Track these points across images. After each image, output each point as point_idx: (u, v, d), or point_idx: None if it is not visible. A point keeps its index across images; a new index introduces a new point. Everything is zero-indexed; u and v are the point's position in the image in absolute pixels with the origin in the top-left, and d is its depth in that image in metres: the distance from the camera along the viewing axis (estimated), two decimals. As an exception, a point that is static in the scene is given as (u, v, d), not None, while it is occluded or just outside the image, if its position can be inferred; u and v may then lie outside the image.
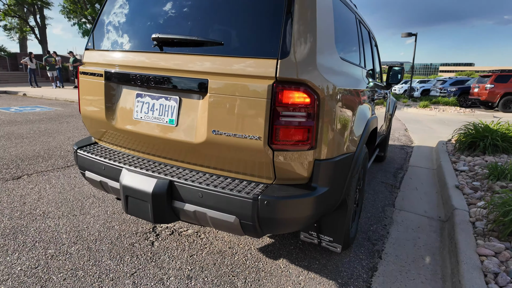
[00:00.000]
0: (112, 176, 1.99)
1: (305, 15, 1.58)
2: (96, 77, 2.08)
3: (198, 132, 1.73)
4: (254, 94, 1.54)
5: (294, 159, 1.61)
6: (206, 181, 1.73)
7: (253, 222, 1.59)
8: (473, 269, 2.03)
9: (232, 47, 1.62)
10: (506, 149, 4.82)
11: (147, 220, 1.83)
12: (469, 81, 18.99)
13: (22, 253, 2.18)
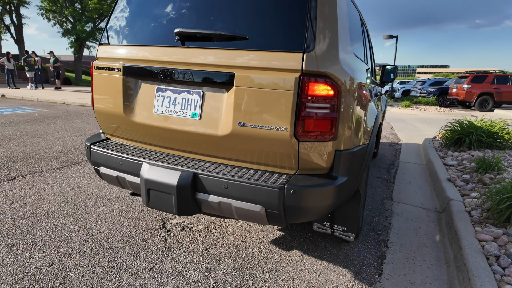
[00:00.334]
0: (130, 171, 1.98)
1: (328, 11, 1.66)
2: (113, 72, 2.06)
3: (223, 125, 1.76)
4: (280, 86, 1.59)
5: (317, 149, 1.67)
6: (230, 172, 1.77)
7: (279, 210, 1.65)
8: (476, 253, 2.16)
9: (257, 41, 1.67)
10: (490, 144, 5.09)
11: (170, 212, 1.85)
12: (447, 81, 19.76)
13: (33, 252, 2.14)
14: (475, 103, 14.94)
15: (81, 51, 21.50)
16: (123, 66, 2.03)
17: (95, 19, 20.33)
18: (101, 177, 2.22)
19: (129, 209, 2.86)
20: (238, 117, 1.70)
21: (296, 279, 2.00)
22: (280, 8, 1.65)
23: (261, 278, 2.00)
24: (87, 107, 10.17)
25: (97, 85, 2.17)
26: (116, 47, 2.11)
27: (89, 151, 2.20)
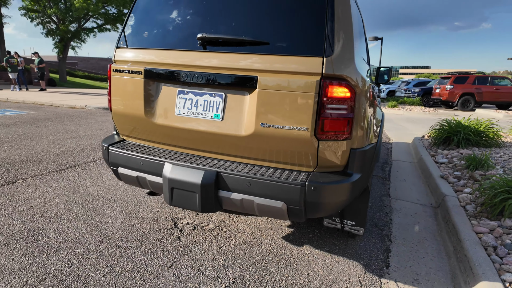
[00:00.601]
0: (151, 171, 2.04)
1: (344, 18, 1.78)
2: (134, 74, 2.11)
3: (245, 126, 1.85)
4: (302, 89, 1.71)
5: (335, 148, 1.79)
6: (251, 171, 1.85)
7: (300, 206, 1.75)
8: (475, 245, 2.31)
9: (278, 46, 1.78)
10: (477, 143, 5.34)
11: (193, 209, 1.92)
12: (431, 82, 20.36)
13: (49, 254, 2.15)
14: (458, 103, 15.47)
15: (66, 52, 21.04)
16: (144, 69, 2.08)
17: (80, 19, 19.94)
18: (119, 177, 2.28)
19: (138, 210, 2.90)
20: (261, 118, 1.79)
21: (310, 273, 2.10)
22: (300, 15, 1.77)
23: (277, 273, 2.08)
24: (76, 109, 10.00)
25: (115, 87, 2.22)
26: (136, 50, 2.16)
27: (107, 152, 2.24)
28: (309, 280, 2.03)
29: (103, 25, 21.07)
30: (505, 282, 1.91)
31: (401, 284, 2.05)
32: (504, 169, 3.99)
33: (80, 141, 5.57)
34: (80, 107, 10.36)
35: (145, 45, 2.13)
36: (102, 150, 2.34)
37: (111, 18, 20.36)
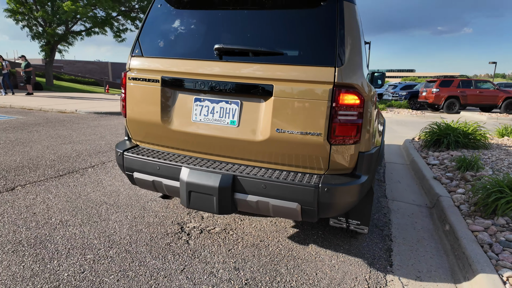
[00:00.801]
0: (168, 175, 2.11)
1: (353, 30, 1.91)
2: (150, 82, 2.18)
3: (261, 131, 1.95)
4: (315, 96, 1.82)
5: (345, 151, 1.90)
6: (266, 174, 1.94)
7: (313, 207, 1.85)
8: (472, 242, 2.42)
9: (293, 57, 1.90)
10: (466, 145, 5.54)
11: (211, 211, 2.02)
12: (417, 85, 20.87)
13: (60, 260, 2.16)
14: (443, 106, 15.92)
15: (53, 55, 20.68)
16: (161, 77, 2.15)
17: (68, 22, 19.66)
18: (133, 182, 2.34)
19: (143, 215, 2.92)
20: (276, 124, 1.89)
21: (319, 273, 2.17)
22: (313, 28, 1.90)
23: (286, 273, 2.14)
24: (66, 114, 9.86)
25: (131, 95, 2.28)
26: (152, 59, 2.22)
27: (122, 157, 2.30)
28: (318, 279, 2.10)
29: (91, 28, 20.82)
30: (502, 276, 2.03)
31: (405, 281, 2.14)
32: (493, 170, 4.17)
33: (75, 146, 5.52)
34: (71, 112, 10.22)
35: (162, 54, 2.20)
36: (116, 156, 2.38)
37: (99, 22, 20.14)
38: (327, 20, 1.87)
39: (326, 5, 1.89)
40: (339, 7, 1.87)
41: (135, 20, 21.62)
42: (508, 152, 5.36)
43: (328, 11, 1.88)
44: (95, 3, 18.58)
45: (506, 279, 2.00)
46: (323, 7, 1.90)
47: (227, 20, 2.09)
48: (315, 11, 1.92)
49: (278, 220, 2.94)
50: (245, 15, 2.06)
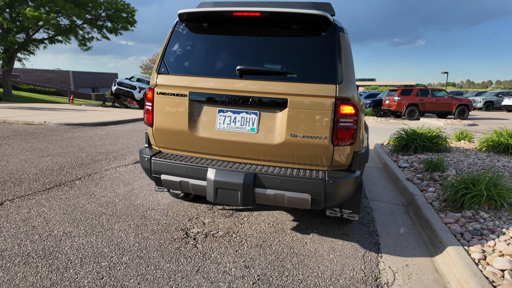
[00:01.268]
0: (195, 176, 2.43)
1: (347, 56, 2.39)
2: (179, 97, 2.51)
3: (277, 136, 2.36)
4: (321, 107, 2.26)
5: (344, 151, 2.34)
6: (281, 172, 2.35)
7: (321, 196, 2.26)
8: (446, 233, 2.79)
9: (302, 76, 2.36)
10: (430, 148, 6.12)
11: (235, 204, 2.37)
12: (380, 94, 22.18)
13: (76, 268, 2.22)
14: (405, 113, 17.09)
15: (11, 64, 19.58)
16: (189, 92, 2.49)
17: (29, 29, 18.78)
18: (160, 184, 2.63)
19: (145, 223, 3.01)
20: (290, 130, 2.31)
21: (321, 266, 2.41)
22: (317, 52, 2.36)
23: (292, 268, 2.36)
24: (35, 125, 9.45)
25: (158, 107, 2.58)
26: (180, 77, 2.54)
27: (150, 162, 2.58)
28: (321, 272, 2.34)
29: (55, 36, 20.02)
30: (474, 259, 2.39)
31: (395, 268, 2.44)
32: (456, 170, 4.69)
33: (55, 159, 5.39)
34: (39, 123, 9.80)
35: (188, 73, 2.53)
36: (142, 161, 2.64)
37: (63, 29, 19.43)
38: (328, 46, 2.34)
39: (327, 35, 2.37)
40: (337, 37, 2.35)
41: (102, 28, 21.11)
42: (466, 154, 6.00)
43: (329, 40, 2.36)
44: (59, 10, 17.97)
45: (478, 261, 2.36)
46: (324, 37, 2.37)
47: (245, 44, 2.51)
48: (319, 39, 2.39)
49: (276, 222, 3.16)
50: (260, 41, 2.51)
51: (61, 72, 50.70)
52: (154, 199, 3.65)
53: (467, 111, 17.38)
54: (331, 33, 2.36)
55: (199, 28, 2.60)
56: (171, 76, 2.57)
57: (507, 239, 2.63)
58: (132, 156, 5.87)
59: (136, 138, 7.93)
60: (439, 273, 2.44)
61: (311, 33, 2.42)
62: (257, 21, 2.46)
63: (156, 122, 2.61)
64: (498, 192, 3.22)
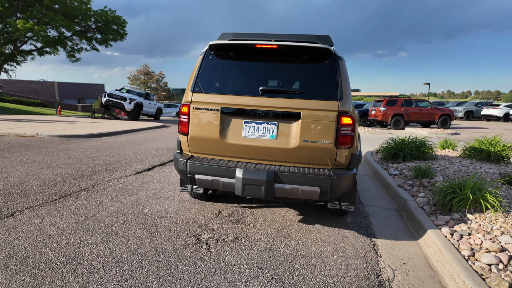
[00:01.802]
0: (225, 175, 2.94)
1: (346, 79, 3.04)
2: (212, 111, 3.07)
3: (292, 142, 2.95)
4: (327, 119, 2.89)
5: (344, 153, 2.95)
6: (296, 170, 2.91)
7: (327, 189, 2.82)
8: (438, 234, 3.05)
9: (311, 95, 2.98)
10: (418, 157, 6.47)
11: (259, 197, 2.87)
12: (366, 105, 22.84)
13: (100, 273, 2.36)
14: (391, 123, 17.68)
15: (-3, 75, 19.32)
16: (221, 108, 3.06)
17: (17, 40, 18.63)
18: (194, 182, 3.11)
19: (158, 230, 3.15)
20: (303, 137, 2.91)
21: (327, 266, 2.62)
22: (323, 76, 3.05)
23: (302, 268, 2.56)
24: (27, 138, 9.40)
25: (194, 119, 3.13)
26: (212, 95, 3.11)
27: (186, 164, 3.08)
28: (328, 270, 2.54)
29: (43, 48, 19.91)
30: (464, 256, 2.64)
31: (394, 266, 2.67)
32: (443, 176, 5.01)
33: (55, 171, 5.46)
34: (31, 136, 9.75)
35: (219, 92, 3.13)
36: (179, 164, 3.13)
37: (52, 41, 19.36)
38: (331, 71, 2.98)
39: (329, 63, 3.02)
40: (337, 64, 3.00)
41: (91, 40, 21.13)
42: (451, 162, 6.37)
43: (331, 66, 2.99)
44: (48, 21, 17.95)
45: (467, 257, 2.62)
46: (328, 64, 3.02)
47: (265, 68, 3.20)
48: (323, 66, 3.03)
49: (280, 227, 3.36)
50: (276, 66, 3.20)
51: (45, 83, 49.95)
52: (161, 208, 3.80)
53: (449, 121, 18.12)
54: (332, 61, 3.01)
55: (226, 56, 3.21)
56: (204, 95, 3.13)
57: (492, 238, 2.91)
58: (132, 167, 5.98)
59: (132, 150, 8.02)
60: (434, 269, 2.68)
61: (317, 61, 3.07)
62: (274, 51, 3.08)
63: (191, 131, 3.13)
64: (482, 196, 3.52)
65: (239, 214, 3.71)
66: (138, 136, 11.23)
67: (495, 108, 26.88)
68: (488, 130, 17.30)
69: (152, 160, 6.77)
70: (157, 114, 21.96)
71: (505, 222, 3.23)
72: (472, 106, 29.35)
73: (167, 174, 5.56)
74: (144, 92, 21.15)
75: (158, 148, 8.47)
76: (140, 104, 19.11)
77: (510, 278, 2.32)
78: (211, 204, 4.00)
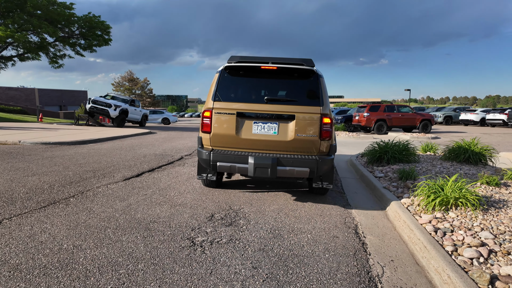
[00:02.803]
0: (240, 161, 3.95)
1: (324, 90, 4.17)
2: (229, 115, 4.10)
3: (289, 136, 4.04)
4: (313, 119, 3.99)
5: (326, 144, 4.06)
6: (292, 156, 4.00)
7: (315, 169, 3.90)
8: (423, 232, 3.20)
9: (302, 102, 4.10)
10: (401, 160, 6.70)
11: (266, 176, 3.89)
12: (350, 110, 23.31)
13: (96, 276, 2.36)
14: (374, 128, 18.12)
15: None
16: (236, 112, 4.10)
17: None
18: (215, 168, 4.04)
19: (151, 234, 3.17)
20: (297, 132, 4.01)
21: (319, 264, 2.71)
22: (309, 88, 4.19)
23: (295, 267, 2.64)
24: (9, 145, 9.16)
25: (215, 121, 4.12)
26: (229, 103, 4.15)
27: (210, 155, 4.04)
28: (321, 268, 2.63)
29: (24, 53, 19.46)
30: (448, 252, 2.79)
31: (383, 263, 2.79)
32: (426, 177, 5.22)
33: (42, 178, 5.37)
34: (13, 143, 9.51)
35: (234, 100, 4.19)
36: (203, 154, 4.10)
37: (34, 47, 18.95)
38: (315, 85, 4.17)
39: (313, 79, 4.20)
40: (319, 80, 4.19)
41: (75, 46, 20.80)
42: (433, 164, 6.63)
43: (315, 82, 4.18)
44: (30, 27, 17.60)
45: (451, 253, 2.76)
46: (313, 80, 4.20)
47: (268, 83, 4.37)
48: (309, 81, 4.21)
49: (273, 229, 3.44)
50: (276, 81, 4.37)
51: (25, 89, 48.59)
52: (153, 213, 3.81)
53: (430, 125, 18.72)
54: (315, 78, 4.21)
55: (238, 74, 4.32)
56: (223, 103, 4.15)
57: (473, 233, 3.07)
58: (120, 174, 5.94)
59: (119, 156, 7.95)
60: (420, 265, 2.81)
61: (305, 78, 4.25)
62: (274, 71, 4.22)
63: (213, 130, 4.13)
64: (463, 195, 3.70)
65: (232, 217, 3.76)
66: (124, 142, 11.11)
67: (472, 113, 27.97)
68: (467, 134, 17.98)
69: (141, 166, 6.73)
70: (143, 121, 21.74)
71: (484, 219, 3.41)
72: (451, 112, 30.42)
73: (157, 180, 5.55)
74: (130, 98, 20.93)
75: (146, 154, 8.42)
76: (125, 110, 18.90)
77: (490, 270, 2.47)
78: (203, 208, 4.04)
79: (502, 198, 4.15)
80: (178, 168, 6.68)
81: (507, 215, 3.54)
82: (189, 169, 6.57)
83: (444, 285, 2.43)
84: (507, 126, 25.11)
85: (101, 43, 20.76)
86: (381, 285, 2.44)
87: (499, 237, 3.00)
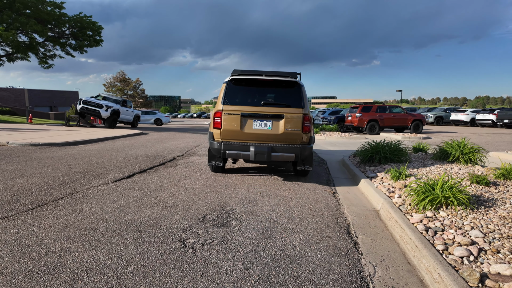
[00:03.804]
0: (244, 150, 5.27)
1: (306, 96, 5.63)
2: (235, 115, 5.37)
3: (280, 130, 5.38)
4: (297, 118, 5.40)
5: (307, 136, 5.45)
6: (282, 145, 5.35)
7: (299, 155, 5.33)
8: (414, 231, 3.21)
9: (290, 105, 5.48)
10: (392, 159, 6.74)
11: (263, 160, 5.23)
12: (342, 111, 23.44)
13: (84, 280, 2.31)
14: (366, 128, 18.24)
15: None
16: (241, 113, 5.37)
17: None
18: (225, 156, 5.36)
19: (142, 236, 3.13)
20: (286, 127, 5.36)
21: (311, 264, 2.69)
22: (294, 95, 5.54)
23: (287, 267, 2.62)
24: (-3, 147, 8.97)
25: (225, 120, 5.39)
26: (234, 106, 5.42)
27: (221, 145, 5.35)
28: (313, 269, 2.62)
29: (13, 53, 19.12)
30: (439, 250, 2.80)
31: (374, 263, 2.78)
32: (416, 177, 5.26)
33: (30, 180, 5.27)
34: (1, 144, 9.33)
35: (238, 104, 5.45)
36: (215, 145, 5.41)
37: (23, 47, 18.64)
38: (299, 93, 5.52)
39: (297, 88, 5.56)
40: (301, 89, 5.58)
41: (65, 46, 20.52)
42: (424, 164, 6.69)
43: (298, 90, 5.55)
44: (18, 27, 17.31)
45: (442, 252, 2.78)
46: (296, 88, 5.56)
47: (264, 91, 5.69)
48: (294, 89, 5.56)
49: (265, 229, 3.42)
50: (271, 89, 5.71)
51: (14, 90, 47.80)
52: (144, 215, 3.76)
53: (421, 126, 18.93)
54: (298, 87, 5.59)
55: (240, 83, 5.61)
56: (230, 106, 5.44)
57: (463, 232, 3.10)
58: (111, 175, 5.86)
59: (110, 157, 7.85)
60: (411, 264, 2.82)
61: (290, 87, 5.60)
62: (269, 82, 5.59)
63: (223, 127, 5.39)
64: (453, 194, 3.74)
65: (224, 218, 3.73)
66: (115, 143, 10.98)
67: (462, 113, 28.37)
68: (457, 134, 18.22)
69: (132, 167, 6.66)
70: (135, 122, 21.55)
71: (474, 218, 3.45)
72: (442, 112, 30.81)
73: (148, 181, 5.49)
74: (121, 99, 20.72)
75: (138, 155, 8.33)
76: (117, 111, 18.70)
77: (480, 269, 2.49)
78: (195, 210, 4.00)
79: (492, 197, 4.20)
80: (170, 169, 6.62)
81: (497, 214, 3.58)
82: (181, 170, 6.52)
83: (435, 284, 2.44)
84: (496, 126, 25.52)
85: (92, 44, 20.52)
86: (372, 285, 2.44)
87: (489, 236, 3.03)
